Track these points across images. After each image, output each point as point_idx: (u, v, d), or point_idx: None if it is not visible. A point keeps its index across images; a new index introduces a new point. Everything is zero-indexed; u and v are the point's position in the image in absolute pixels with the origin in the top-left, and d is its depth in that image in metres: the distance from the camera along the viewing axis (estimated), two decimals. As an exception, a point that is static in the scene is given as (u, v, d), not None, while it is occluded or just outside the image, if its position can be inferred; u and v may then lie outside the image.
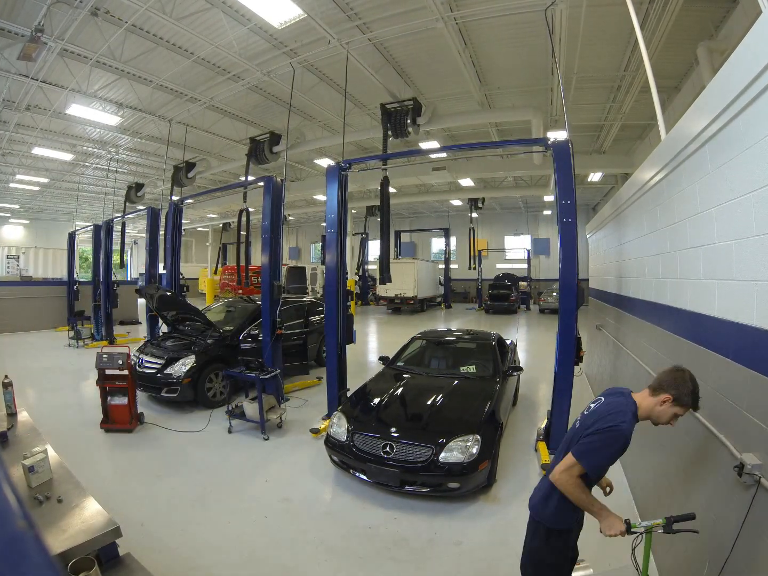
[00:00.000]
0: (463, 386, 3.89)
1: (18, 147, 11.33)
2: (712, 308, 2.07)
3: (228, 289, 12.27)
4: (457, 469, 2.96)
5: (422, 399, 3.67)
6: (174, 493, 3.21)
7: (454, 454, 3.00)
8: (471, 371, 4.26)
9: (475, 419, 3.31)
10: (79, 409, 5.03)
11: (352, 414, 3.52)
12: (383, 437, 3.17)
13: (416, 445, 3.06)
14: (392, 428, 3.26)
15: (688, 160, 2.39)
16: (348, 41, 6.44)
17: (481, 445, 3.05)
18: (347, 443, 3.26)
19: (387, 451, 3.08)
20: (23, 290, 11.32)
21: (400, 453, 3.06)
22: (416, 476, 3.00)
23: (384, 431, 3.24)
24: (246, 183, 6.79)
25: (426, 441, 3.07)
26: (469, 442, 3.05)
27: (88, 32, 6.29)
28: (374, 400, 3.73)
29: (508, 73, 7.82)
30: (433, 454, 3.00)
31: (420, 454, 3.02)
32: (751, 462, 1.60)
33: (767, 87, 1.55)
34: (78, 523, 1.61)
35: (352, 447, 3.22)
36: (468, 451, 3.00)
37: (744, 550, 1.58)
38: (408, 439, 3.11)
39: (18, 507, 0.42)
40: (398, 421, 3.44)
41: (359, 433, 3.27)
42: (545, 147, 3.97)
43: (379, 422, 3.39)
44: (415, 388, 3.94)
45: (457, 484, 2.98)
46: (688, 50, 5.92)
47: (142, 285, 9.05)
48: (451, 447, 3.03)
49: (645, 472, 2.98)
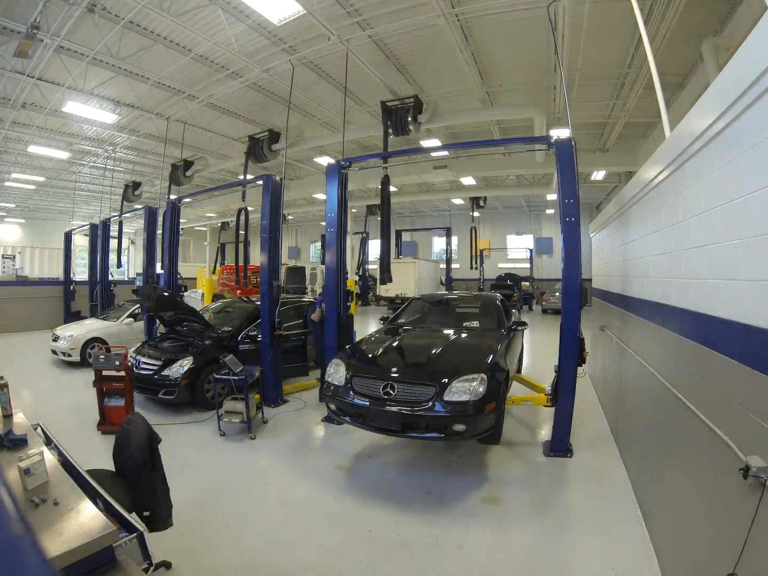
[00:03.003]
0: (466, 336, 3.75)
1: (14, 145, 11.24)
2: (717, 309, 2.04)
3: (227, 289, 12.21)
4: (462, 408, 2.77)
5: (424, 347, 3.52)
6: (172, 495, 3.18)
7: (460, 393, 2.81)
8: (475, 325, 4.14)
9: (480, 360, 3.14)
10: (75, 410, 4.99)
11: (350, 362, 3.36)
12: (384, 378, 3.01)
13: (419, 384, 2.89)
14: (393, 369, 3.11)
15: (693, 158, 2.36)
16: (348, 38, 6.39)
17: (487, 386, 2.85)
18: (346, 387, 3.09)
19: (388, 392, 2.91)
20: (19, 290, 11.22)
21: (401, 394, 2.89)
22: (419, 419, 2.82)
23: (384, 373, 3.09)
24: (245, 182, 6.75)
25: (429, 380, 2.90)
26: (475, 381, 2.86)
27: (84, 29, 6.23)
28: (374, 349, 3.57)
29: (510, 71, 7.79)
30: (437, 393, 2.82)
31: (423, 393, 2.85)
32: (757, 464, 1.58)
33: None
34: (74, 527, 1.57)
35: (350, 390, 3.05)
36: (474, 391, 2.81)
37: (752, 556, 1.56)
38: (410, 379, 2.94)
39: (14, 510, 0.41)
40: (399, 364, 3.28)
41: (358, 376, 3.11)
42: (548, 145, 3.94)
43: (380, 367, 3.24)
44: (417, 338, 3.80)
45: (463, 427, 2.80)
46: (693, 47, 5.87)
47: (139, 285, 9.01)
48: (456, 386, 2.84)
49: (648, 474, 2.96)
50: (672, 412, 2.46)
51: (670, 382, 2.51)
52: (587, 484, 3.37)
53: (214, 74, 7.92)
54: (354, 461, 3.75)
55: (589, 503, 3.09)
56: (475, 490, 3.27)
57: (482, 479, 3.45)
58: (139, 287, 6.99)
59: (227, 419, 4.30)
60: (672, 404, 2.41)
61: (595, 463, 3.71)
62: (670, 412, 2.51)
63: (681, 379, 2.39)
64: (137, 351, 5.49)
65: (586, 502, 3.11)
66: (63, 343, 7.15)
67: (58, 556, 1.40)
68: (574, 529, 2.77)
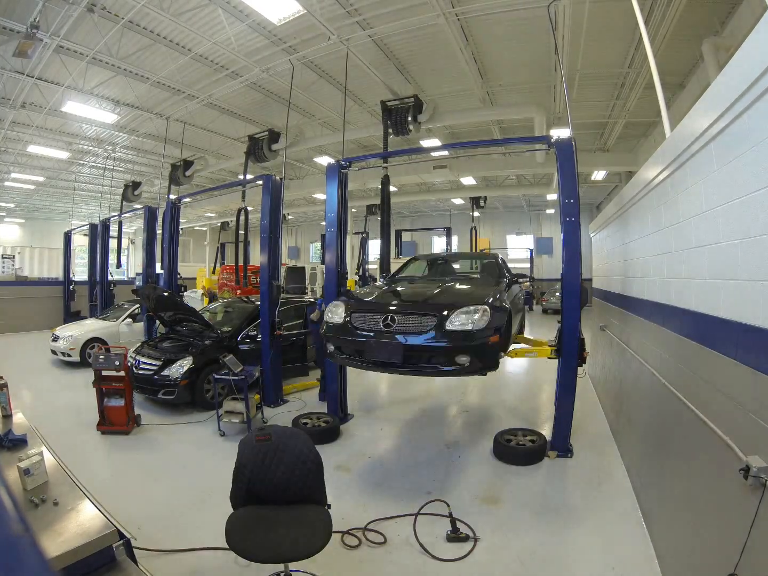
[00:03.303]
0: (467, 282, 3.73)
1: (13, 145, 11.21)
2: (717, 309, 2.04)
3: (226, 289, 12.20)
4: (465, 337, 2.69)
5: (425, 289, 3.48)
6: (172, 496, 3.18)
7: (462, 323, 2.74)
8: (475, 276, 4.16)
9: (482, 295, 3.07)
10: (75, 410, 4.98)
11: (349, 302, 3.32)
12: (383, 311, 2.95)
13: (420, 315, 2.82)
14: (393, 302, 3.07)
15: (694, 158, 2.36)
16: (348, 38, 6.38)
17: (490, 318, 2.76)
18: (345, 324, 3.03)
19: (388, 324, 2.84)
20: (18, 290, 11.21)
21: (402, 325, 2.82)
22: (421, 350, 2.74)
23: (384, 307, 3.03)
24: (245, 181, 6.75)
25: (430, 310, 2.84)
26: (477, 313, 2.78)
27: (84, 29, 6.22)
28: (373, 293, 3.52)
29: (511, 70, 7.77)
30: (439, 323, 2.74)
31: (424, 323, 2.78)
32: (757, 465, 1.58)
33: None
34: (74, 527, 1.57)
35: (349, 325, 2.99)
36: (476, 321, 2.73)
37: (753, 557, 1.55)
38: (410, 310, 2.89)
39: (14, 510, 0.41)
40: (400, 300, 3.24)
41: (358, 312, 3.05)
42: (548, 145, 3.93)
43: (379, 303, 3.20)
44: (417, 284, 3.76)
45: (466, 359, 2.70)
46: (693, 46, 5.86)
47: (139, 285, 9.00)
48: (458, 316, 2.76)
49: (649, 474, 2.96)
50: (672, 412, 2.46)
51: (670, 382, 2.51)
52: (587, 484, 3.37)
53: (214, 74, 7.90)
54: (354, 461, 3.74)
55: (590, 503, 3.09)
56: (475, 490, 3.27)
57: (482, 479, 3.45)
58: (139, 287, 6.97)
59: (227, 419, 4.30)
60: (672, 404, 2.41)
61: (596, 463, 3.70)
62: (670, 412, 2.51)
63: (681, 379, 2.39)
64: (137, 351, 5.49)
65: (587, 502, 3.11)
66: (63, 343, 7.15)
67: (57, 557, 1.40)
68: (574, 529, 2.77)
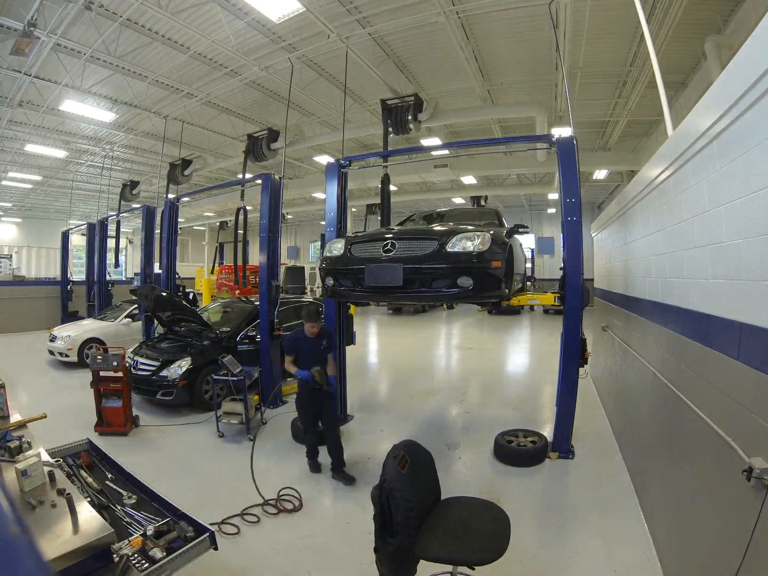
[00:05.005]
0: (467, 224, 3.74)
1: (10, 144, 11.16)
2: (719, 309, 2.03)
3: (225, 289, 12.15)
4: (466, 259, 2.65)
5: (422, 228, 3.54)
6: (171, 497, 3.16)
7: (463, 244, 2.71)
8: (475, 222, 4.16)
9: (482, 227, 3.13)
10: (73, 411, 4.95)
11: (348, 237, 3.31)
12: (383, 240, 2.92)
13: (420, 239, 2.80)
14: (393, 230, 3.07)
15: (696, 157, 2.34)
16: (348, 36, 6.35)
17: (491, 244, 2.73)
18: (344, 255, 3.01)
19: (388, 249, 2.83)
20: (16, 290, 11.14)
21: (402, 250, 2.80)
22: (422, 272, 2.69)
23: (384, 235, 2.99)
24: (243, 180, 6.70)
25: (430, 235, 2.82)
26: (477, 239, 2.74)
27: (81, 27, 6.18)
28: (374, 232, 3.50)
29: (512, 69, 7.74)
30: (439, 246, 2.72)
31: (424, 247, 2.76)
32: (760, 466, 1.56)
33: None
34: (72, 529, 1.56)
35: (349, 254, 2.97)
36: (477, 245, 2.69)
37: (756, 559, 1.54)
38: (411, 235, 2.87)
39: (11, 512, 0.41)
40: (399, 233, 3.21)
41: (357, 243, 3.03)
42: (549, 144, 3.92)
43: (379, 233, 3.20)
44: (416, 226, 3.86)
45: (469, 281, 2.63)
46: (696, 45, 5.85)
47: (137, 285, 8.97)
48: (459, 240, 2.73)
49: (651, 475, 2.95)
50: (674, 413, 2.45)
51: (672, 382, 2.50)
52: (589, 485, 3.36)
53: (213, 72, 7.86)
54: (354, 462, 3.73)
55: (591, 504, 3.08)
56: (475, 490, 3.25)
57: (483, 480, 3.45)
58: (137, 287, 6.93)
59: (226, 420, 4.28)
60: (674, 405, 2.39)
61: (597, 464, 3.69)
62: (672, 413, 2.50)
63: (683, 379, 2.38)
64: (135, 351, 5.45)
65: (588, 503, 3.10)
66: (60, 343, 7.12)
67: (55, 559, 1.39)
68: (575, 531, 2.77)
